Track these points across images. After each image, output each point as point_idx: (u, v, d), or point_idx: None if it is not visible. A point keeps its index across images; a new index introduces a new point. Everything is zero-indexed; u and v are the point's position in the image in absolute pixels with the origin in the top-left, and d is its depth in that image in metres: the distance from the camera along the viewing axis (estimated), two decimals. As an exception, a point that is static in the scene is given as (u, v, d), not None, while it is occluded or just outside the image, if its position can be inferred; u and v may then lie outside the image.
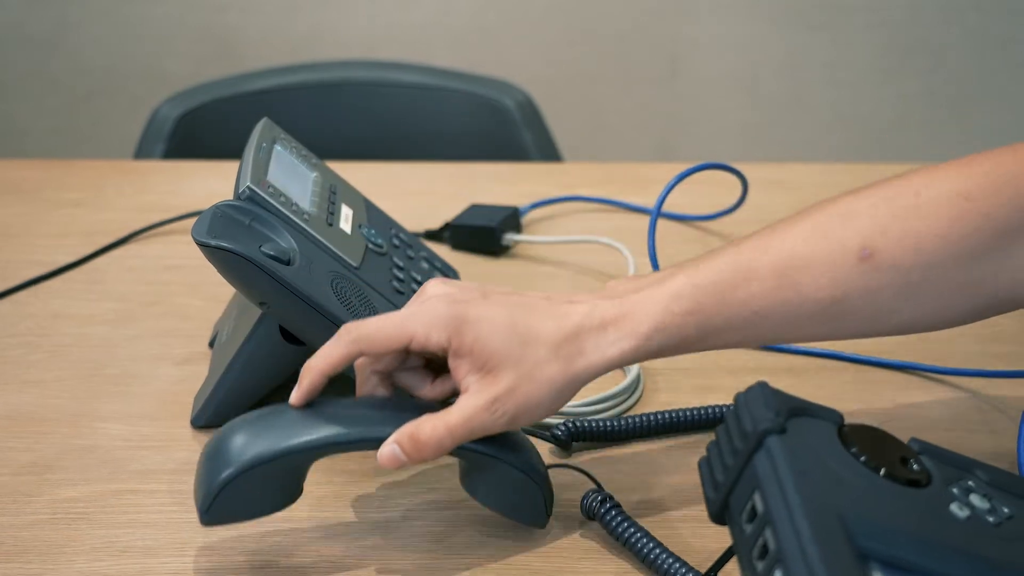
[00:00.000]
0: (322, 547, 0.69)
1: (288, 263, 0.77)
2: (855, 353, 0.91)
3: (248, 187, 0.79)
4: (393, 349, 0.65)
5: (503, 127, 1.42)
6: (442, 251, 1.06)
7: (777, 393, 0.60)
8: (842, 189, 1.17)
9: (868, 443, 0.59)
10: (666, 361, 0.89)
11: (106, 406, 0.84)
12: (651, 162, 1.09)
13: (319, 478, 0.73)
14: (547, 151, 1.42)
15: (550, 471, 0.71)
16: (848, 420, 0.61)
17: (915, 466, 0.59)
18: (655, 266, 0.95)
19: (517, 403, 0.64)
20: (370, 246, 0.87)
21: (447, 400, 0.68)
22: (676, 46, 2.22)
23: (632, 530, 0.68)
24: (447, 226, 1.08)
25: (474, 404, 0.64)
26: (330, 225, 0.85)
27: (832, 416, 0.61)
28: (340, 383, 0.69)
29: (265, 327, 0.80)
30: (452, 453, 0.67)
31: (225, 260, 0.74)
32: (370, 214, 0.92)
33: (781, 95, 2.28)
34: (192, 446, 0.81)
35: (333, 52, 2.07)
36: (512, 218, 1.07)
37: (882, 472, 0.58)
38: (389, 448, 0.63)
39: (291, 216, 0.80)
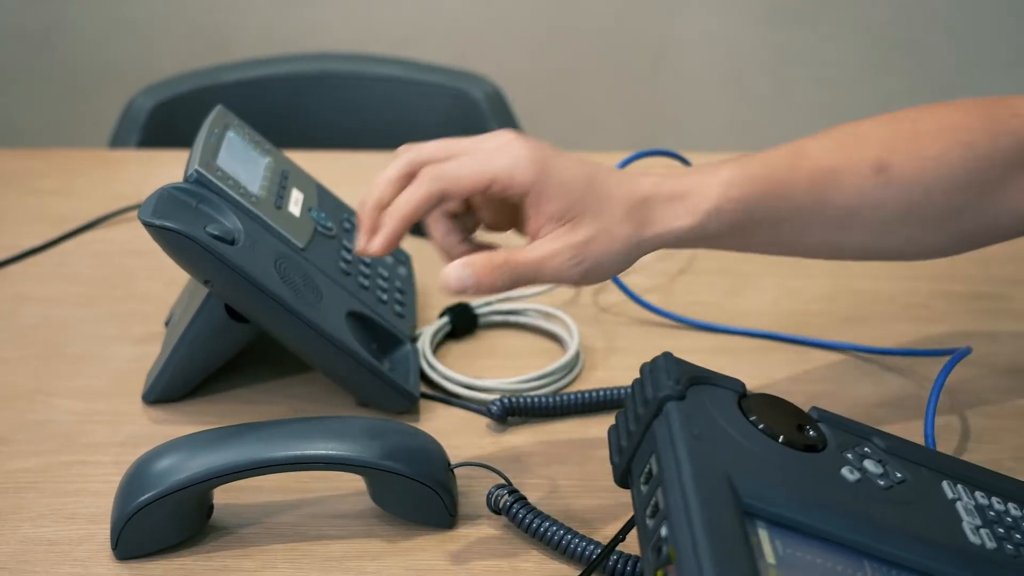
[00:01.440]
0: (242, 561, 0.71)
1: (232, 243, 0.79)
2: (791, 334, 0.93)
3: (196, 170, 0.82)
4: (476, 189, 0.65)
5: (472, 118, 1.45)
6: (400, 237, 1.09)
7: (680, 363, 0.63)
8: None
9: (766, 411, 0.62)
10: (605, 341, 0.92)
11: (62, 383, 0.87)
12: (616, 152, 1.11)
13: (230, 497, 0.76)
14: (516, 141, 1.45)
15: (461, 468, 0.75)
16: (775, 395, 0.64)
17: (811, 433, 0.62)
18: (599, 249, 0.97)
19: (594, 256, 0.65)
20: (319, 229, 0.90)
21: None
22: (661, 42, 2.24)
23: (534, 518, 0.71)
24: (405, 212, 1.10)
25: (552, 248, 0.65)
26: (278, 208, 0.87)
27: (734, 385, 0.63)
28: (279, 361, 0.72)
29: (211, 305, 0.82)
30: (355, 471, 0.71)
31: (169, 239, 0.77)
32: (322, 199, 0.95)
33: (766, 92, 2.30)
34: (141, 420, 0.84)
35: (324, 48, 2.10)
36: (469, 204, 1.10)
37: (777, 438, 0.60)
38: (457, 269, 0.64)
39: (238, 198, 0.83)
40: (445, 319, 0.93)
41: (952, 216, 0.73)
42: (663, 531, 0.54)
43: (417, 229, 1.09)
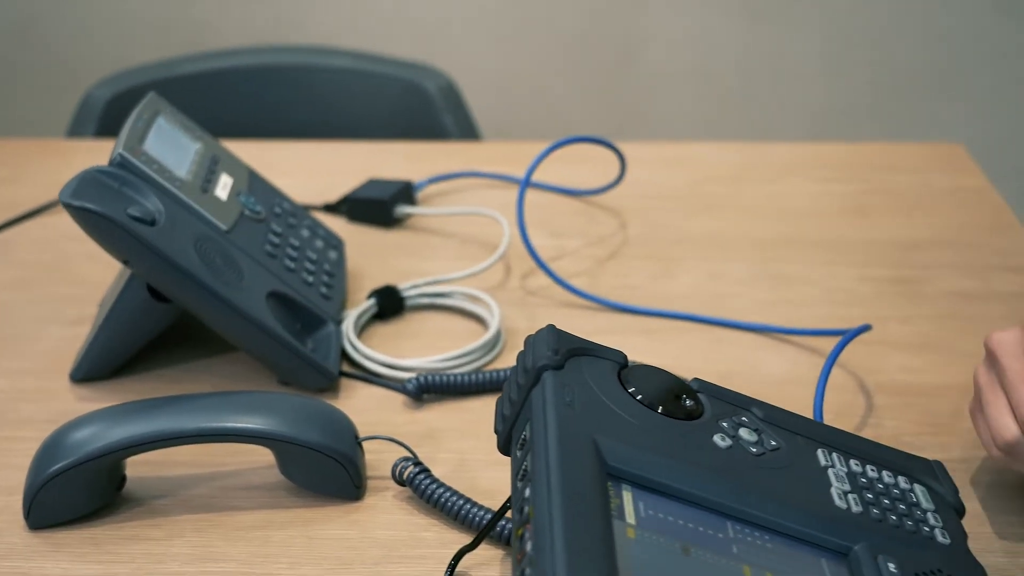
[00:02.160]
0: (150, 531, 0.73)
1: (152, 224, 0.81)
2: (710, 316, 0.95)
3: (120, 153, 0.84)
4: None
5: (425, 111, 1.47)
6: (339, 223, 1.11)
7: (562, 335, 0.65)
8: (732, 167, 1.22)
9: (644, 381, 0.64)
10: (528, 322, 0.95)
11: (-6, 363, 0.90)
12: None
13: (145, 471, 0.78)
14: (467, 133, 1.47)
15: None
16: (689, 376, 0.66)
17: (689, 402, 0.64)
18: (523, 233, 0.99)
19: None
20: (246, 212, 0.92)
21: None
22: (628, 39, 2.25)
23: (435, 488, 0.73)
24: (344, 199, 1.12)
25: None
26: (204, 191, 0.89)
27: (614, 356, 0.65)
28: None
29: (133, 286, 0.85)
30: (262, 443, 0.73)
31: (88, 220, 0.79)
32: (253, 184, 0.97)
33: (733, 87, 2.32)
34: (68, 398, 0.86)
35: (294, 42, 2.12)
36: (406, 191, 1.12)
37: (652, 406, 0.62)
38: None
39: (160, 180, 0.85)
40: (372, 301, 0.95)
41: None
42: (527, 492, 0.56)
43: (352, 215, 1.11)
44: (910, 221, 1.11)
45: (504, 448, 0.64)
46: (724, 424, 0.64)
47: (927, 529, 0.62)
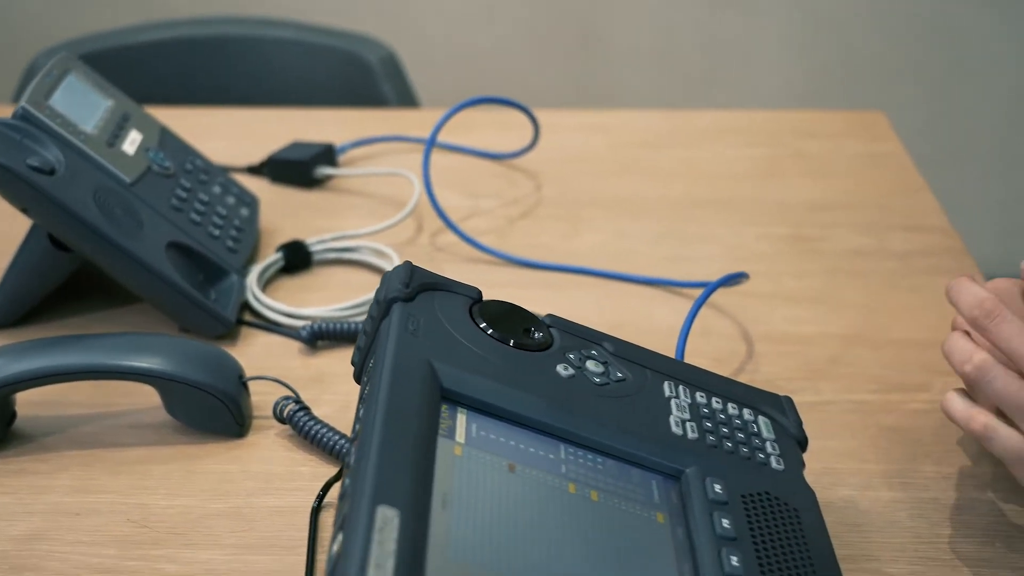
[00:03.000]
0: (36, 465, 0.76)
1: (51, 174, 0.84)
2: (605, 269, 0.98)
3: (22, 107, 0.87)
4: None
5: (366, 82, 1.49)
6: (262, 184, 1.13)
7: (417, 270, 0.67)
8: (654, 133, 1.24)
9: (494, 314, 0.67)
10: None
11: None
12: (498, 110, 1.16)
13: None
14: (407, 102, 1.49)
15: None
16: (551, 316, 0.69)
17: (537, 335, 0.67)
18: (428, 191, 1.02)
19: None
20: (154, 167, 0.95)
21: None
22: (592, 14, 2.28)
23: (312, 424, 0.76)
24: (267, 161, 1.15)
25: None
26: (110, 146, 0.92)
27: (468, 292, 0.68)
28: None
29: (35, 235, 0.87)
30: (145, 381, 0.76)
31: (-16, 168, 0.82)
32: (164, 141, 1.00)
33: (695, 70, 2.34)
34: (-27, 344, 0.88)
35: (247, 13, 2.13)
36: (327, 154, 1.14)
37: (498, 337, 0.65)
38: None
39: (62, 133, 0.87)
40: (279, 255, 0.98)
41: None
42: (361, 412, 0.58)
43: (273, 176, 1.14)
44: (819, 184, 1.14)
45: (358, 378, 0.67)
46: (571, 356, 0.66)
47: (762, 456, 0.65)
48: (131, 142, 0.95)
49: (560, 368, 0.65)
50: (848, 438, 0.78)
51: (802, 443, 0.68)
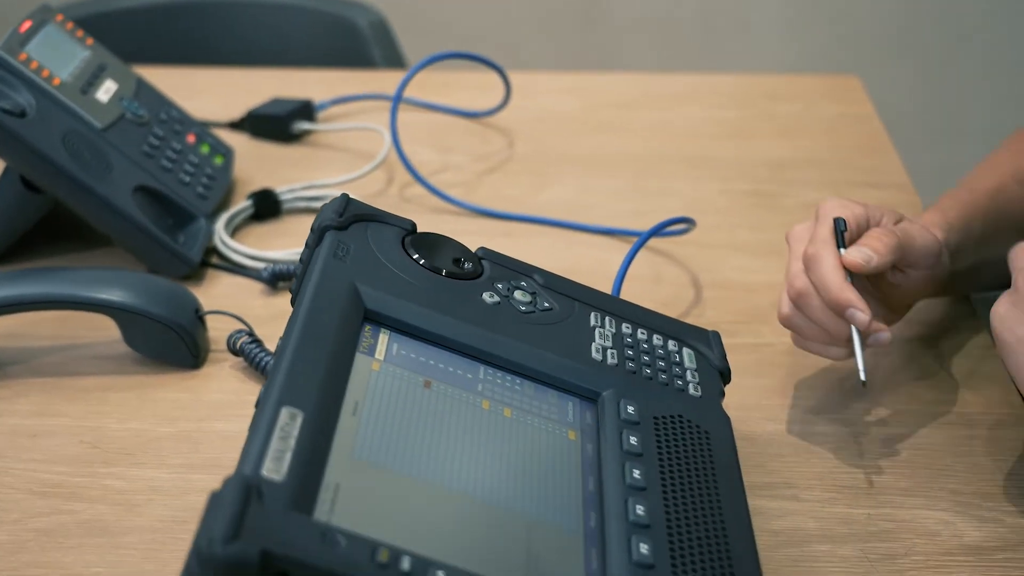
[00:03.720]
0: None
1: (21, 116, 0.87)
2: (563, 219, 1.00)
3: (-3, 53, 0.90)
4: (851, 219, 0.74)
5: (355, 47, 1.52)
6: (241, 138, 1.16)
7: (353, 202, 0.70)
8: (628, 96, 1.26)
9: (426, 245, 0.69)
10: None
11: None
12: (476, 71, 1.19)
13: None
14: (395, 66, 1.52)
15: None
16: (483, 249, 0.72)
17: (467, 265, 0.69)
18: (395, 143, 1.05)
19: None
20: (128, 115, 0.98)
21: None
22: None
23: (262, 354, 0.79)
24: (247, 116, 1.18)
25: (907, 223, 0.75)
26: (84, 93, 0.95)
27: (403, 224, 0.71)
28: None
29: (8, 177, 0.91)
30: (107, 313, 0.79)
31: (-42, 111, 0.85)
32: (140, 92, 1.03)
33: (694, 46, 2.35)
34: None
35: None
36: (305, 109, 1.17)
37: (426, 266, 0.68)
38: (855, 252, 0.71)
39: (35, 78, 0.91)
40: (249, 202, 1.01)
41: None
42: (285, 333, 0.61)
43: (253, 130, 1.17)
44: (785, 143, 1.16)
45: (294, 304, 0.70)
46: (499, 285, 0.69)
47: (680, 383, 0.67)
48: (105, 91, 0.98)
49: (486, 296, 0.68)
50: (783, 377, 0.80)
51: (724, 374, 0.71)
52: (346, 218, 0.68)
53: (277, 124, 1.16)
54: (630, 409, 0.63)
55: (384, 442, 0.56)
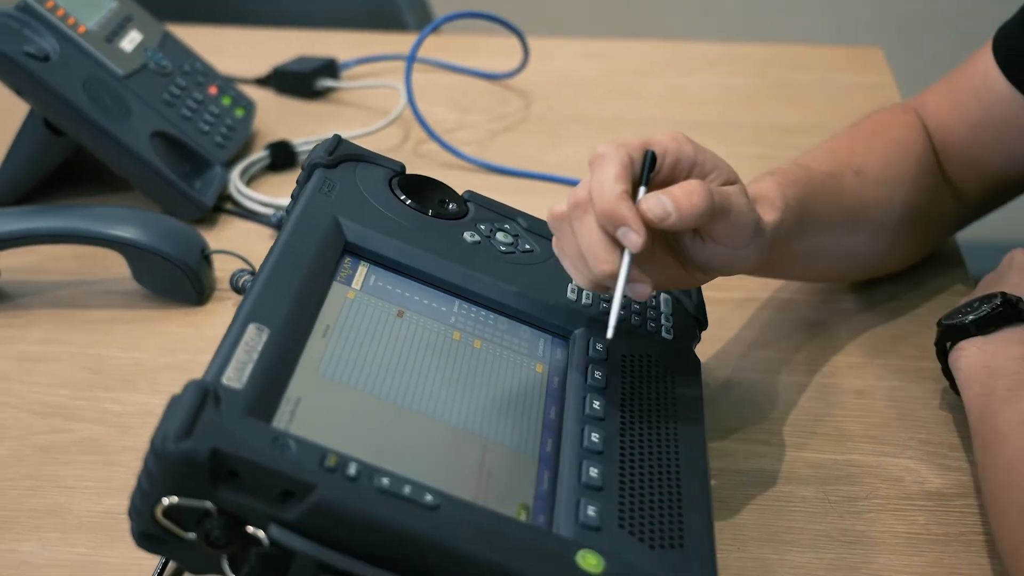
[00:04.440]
0: (11, 320, 0.84)
1: (45, 60, 0.91)
2: (572, 177, 1.02)
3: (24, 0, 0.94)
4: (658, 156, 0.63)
5: (389, 10, 1.54)
6: (267, 94, 1.20)
7: (344, 143, 0.73)
8: (648, 62, 1.28)
9: (412, 185, 0.72)
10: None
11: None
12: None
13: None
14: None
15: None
16: (469, 192, 0.74)
17: (452, 206, 0.72)
18: (410, 101, 1.07)
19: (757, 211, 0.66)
20: (151, 65, 1.01)
21: None
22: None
23: None
24: (272, 72, 1.21)
25: (730, 188, 0.64)
26: (108, 42, 0.99)
27: (392, 165, 0.73)
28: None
29: (32, 119, 0.95)
30: (115, 248, 0.82)
31: (-16, 53, 0.89)
32: (166, 44, 1.06)
33: (738, 17, 2.36)
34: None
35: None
36: (329, 67, 1.20)
37: (411, 205, 0.70)
38: (655, 198, 0.60)
39: (60, 25, 0.94)
40: (265, 152, 1.04)
41: (923, 215, 0.81)
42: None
43: (278, 87, 1.20)
44: (799, 111, 1.17)
45: (282, 237, 0.72)
46: (481, 226, 0.71)
47: (653, 325, 0.69)
48: (130, 41, 1.01)
49: (467, 235, 0.70)
50: (767, 330, 0.82)
51: (700, 320, 0.72)
52: (335, 157, 0.71)
53: (301, 80, 1.19)
54: (599, 346, 0.65)
55: (350, 363, 0.58)
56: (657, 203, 0.60)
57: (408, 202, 0.70)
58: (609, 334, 0.59)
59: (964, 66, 0.84)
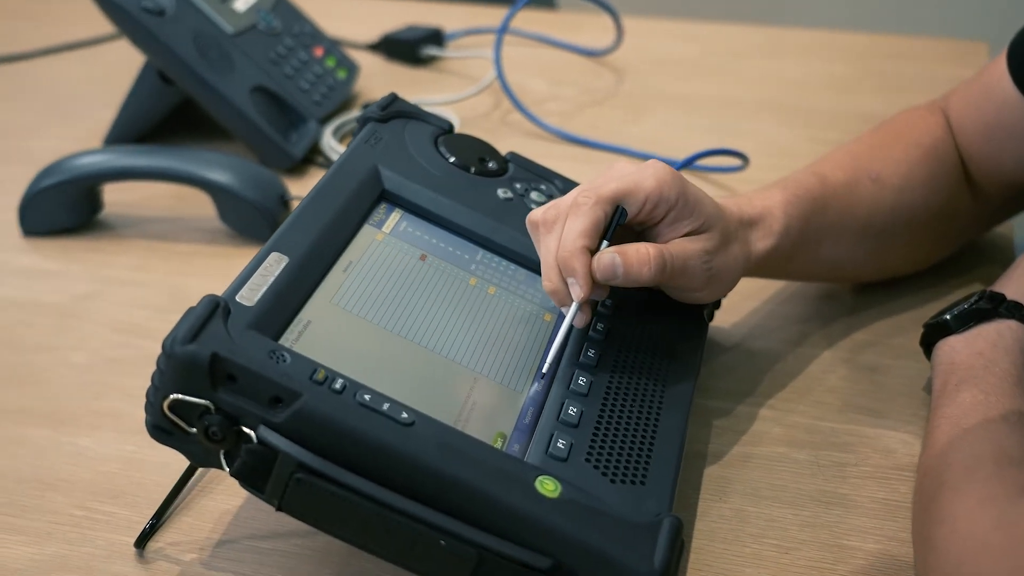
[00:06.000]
0: (108, 246, 0.92)
1: (160, 15, 1.00)
2: (645, 151, 1.06)
3: (147, -40, 1.03)
4: (637, 203, 0.66)
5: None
6: (376, 59, 1.27)
7: (399, 100, 0.79)
8: (747, 45, 1.30)
9: (456, 144, 0.78)
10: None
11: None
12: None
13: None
14: (545, 5, 1.59)
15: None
16: (511, 153, 0.79)
17: (491, 164, 0.77)
18: (498, 71, 1.12)
19: (719, 264, 0.69)
20: (260, 25, 1.10)
21: None
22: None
23: None
24: (382, 39, 1.28)
25: (692, 248, 0.67)
26: (222, 1, 1.07)
27: (440, 123, 0.79)
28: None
29: (147, 70, 1.04)
30: (204, 189, 0.90)
31: (107, 6, 0.98)
32: (279, 6, 1.14)
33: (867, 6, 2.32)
34: (93, 157, 1.06)
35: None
36: (434, 37, 1.27)
37: (450, 160, 0.76)
38: (609, 257, 0.65)
39: (179, -17, 1.04)
40: (360, 112, 1.11)
41: (942, 218, 0.82)
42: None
43: (388, 53, 1.27)
44: (890, 100, 1.17)
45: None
46: (517, 185, 0.76)
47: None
48: (244, 1, 1.10)
49: (500, 191, 0.75)
50: (792, 303, 0.85)
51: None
52: (388, 112, 0.77)
53: (407, 47, 1.26)
54: (608, 302, 0.70)
55: (364, 296, 0.64)
56: (609, 262, 0.65)
57: (451, 159, 0.76)
58: (544, 369, 0.64)
59: (987, 67, 0.84)
